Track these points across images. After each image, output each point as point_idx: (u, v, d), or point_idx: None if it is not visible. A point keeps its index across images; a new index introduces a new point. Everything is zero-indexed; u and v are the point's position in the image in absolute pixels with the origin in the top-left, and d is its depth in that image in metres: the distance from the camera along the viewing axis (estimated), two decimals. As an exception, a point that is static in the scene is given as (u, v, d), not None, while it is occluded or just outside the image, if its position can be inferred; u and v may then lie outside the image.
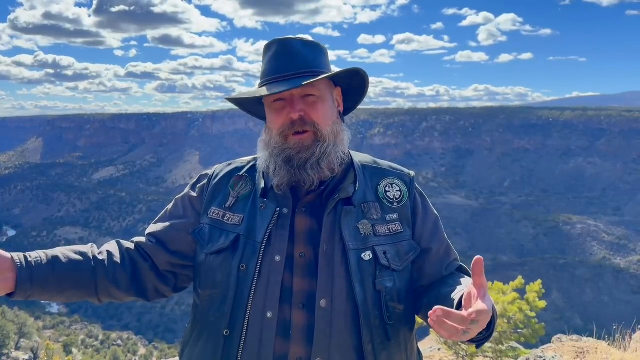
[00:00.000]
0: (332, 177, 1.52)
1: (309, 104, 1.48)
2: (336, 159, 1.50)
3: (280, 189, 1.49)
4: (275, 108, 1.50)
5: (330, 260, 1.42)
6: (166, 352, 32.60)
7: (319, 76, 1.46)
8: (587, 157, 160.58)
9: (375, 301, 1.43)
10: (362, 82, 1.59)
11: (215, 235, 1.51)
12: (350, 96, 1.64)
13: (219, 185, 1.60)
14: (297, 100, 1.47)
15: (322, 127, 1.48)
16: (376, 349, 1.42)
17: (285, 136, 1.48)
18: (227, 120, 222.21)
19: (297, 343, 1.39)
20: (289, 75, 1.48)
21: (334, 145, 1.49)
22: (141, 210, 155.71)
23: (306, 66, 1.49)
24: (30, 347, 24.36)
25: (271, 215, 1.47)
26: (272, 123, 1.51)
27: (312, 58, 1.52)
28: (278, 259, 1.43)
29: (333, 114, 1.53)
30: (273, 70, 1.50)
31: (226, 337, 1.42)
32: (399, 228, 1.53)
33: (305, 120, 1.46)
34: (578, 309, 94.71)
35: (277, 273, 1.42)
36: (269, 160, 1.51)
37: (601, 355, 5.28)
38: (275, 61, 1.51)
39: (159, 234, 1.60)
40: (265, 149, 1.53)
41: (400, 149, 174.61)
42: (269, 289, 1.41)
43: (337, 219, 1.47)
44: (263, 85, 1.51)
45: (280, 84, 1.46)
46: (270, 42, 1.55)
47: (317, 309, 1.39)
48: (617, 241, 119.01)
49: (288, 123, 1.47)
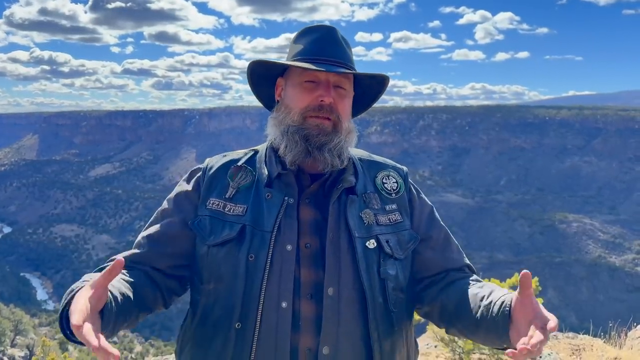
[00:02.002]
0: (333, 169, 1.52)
1: (339, 94, 1.49)
2: (346, 153, 1.52)
3: (293, 164, 1.48)
4: (305, 87, 1.49)
5: (337, 248, 1.42)
6: (162, 350, 32.57)
7: (357, 71, 1.51)
8: (583, 156, 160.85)
9: (380, 289, 1.43)
10: (377, 93, 1.62)
11: (217, 226, 1.47)
12: (358, 103, 1.65)
13: (215, 177, 1.56)
14: (332, 87, 1.48)
15: (343, 120, 1.50)
16: (381, 337, 1.42)
17: (305, 117, 1.48)
18: (224, 118, 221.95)
19: (306, 333, 1.37)
20: (332, 61, 1.49)
21: (345, 142, 1.51)
22: (137, 208, 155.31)
23: (346, 59, 1.52)
24: (26, 344, 24.25)
25: (279, 204, 1.45)
26: (297, 101, 1.49)
27: (349, 54, 1.56)
28: (289, 249, 1.41)
29: (350, 113, 1.56)
30: (317, 51, 1.50)
31: (238, 331, 1.37)
32: (398, 218, 1.54)
33: (332, 109, 1.47)
34: (574, 307, 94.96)
35: (289, 262, 1.39)
36: (282, 138, 1.49)
37: (597, 352, 5.30)
38: (321, 43, 1.52)
39: (156, 237, 1.53)
40: (278, 126, 1.51)
41: (397, 147, 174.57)
42: (282, 279, 1.38)
43: (342, 208, 1.47)
44: (303, 61, 1.49)
45: (327, 65, 1.46)
46: (314, 26, 1.57)
47: (325, 297, 1.38)
48: (612, 240, 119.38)
49: (316, 105, 1.46)
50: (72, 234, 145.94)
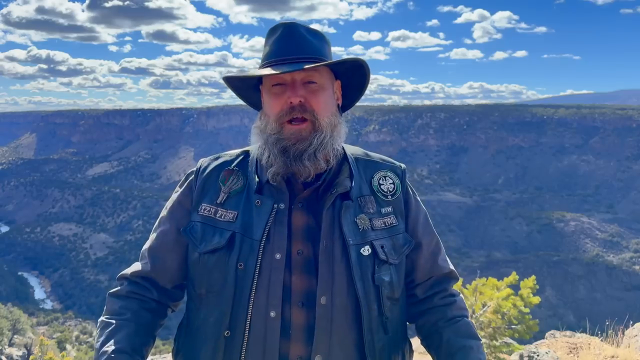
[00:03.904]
0: (327, 171, 1.48)
1: (310, 90, 1.43)
2: (332, 150, 1.46)
3: (275, 179, 1.44)
4: (274, 92, 1.44)
5: (330, 256, 1.39)
6: (160, 349, 32.51)
7: (320, 63, 1.42)
8: (581, 155, 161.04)
9: (375, 296, 1.42)
10: (362, 78, 1.53)
11: (208, 233, 1.45)
12: (348, 93, 1.58)
13: (208, 180, 1.53)
14: (298, 85, 1.42)
15: (321, 117, 1.43)
16: (376, 345, 1.40)
17: (281, 124, 1.42)
18: (222, 117, 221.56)
19: (297, 342, 1.36)
20: (293, 59, 1.42)
21: (331, 137, 1.45)
22: (136, 207, 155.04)
23: (311, 52, 1.44)
24: (24, 344, 24.21)
25: (269, 211, 1.42)
26: (270, 108, 1.45)
27: (317, 45, 1.47)
28: (278, 257, 1.38)
29: (332, 106, 1.49)
30: (277, 52, 1.44)
31: (227, 338, 1.37)
32: (393, 221, 1.51)
33: (305, 107, 1.41)
34: (571, 306, 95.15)
35: (278, 271, 1.37)
36: (264, 148, 1.46)
37: (594, 351, 5.31)
38: (280, 43, 1.45)
39: (154, 250, 1.54)
40: (260, 135, 1.48)
41: (395, 146, 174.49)
42: (271, 288, 1.37)
43: (336, 215, 1.43)
44: (265, 67, 1.45)
45: (284, 66, 1.41)
46: (276, 25, 1.49)
47: (318, 306, 1.35)
48: (610, 238, 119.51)
49: (287, 108, 1.41)
50: (70, 232, 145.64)
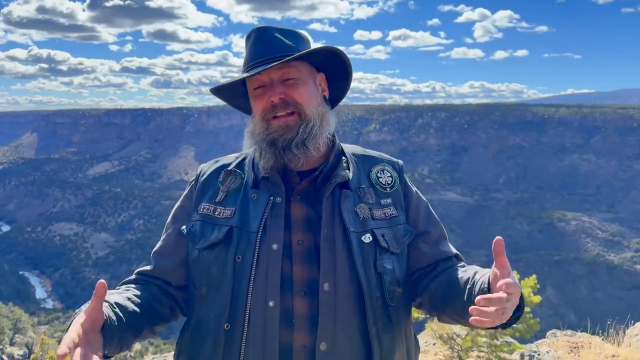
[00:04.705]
0: (324, 164, 1.52)
1: (289, 86, 1.47)
2: (322, 139, 1.50)
3: (267, 172, 1.48)
4: (256, 95, 1.50)
5: (331, 244, 1.41)
6: (162, 348, 32.54)
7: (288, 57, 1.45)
8: (582, 154, 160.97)
9: (377, 283, 1.43)
10: (344, 67, 1.57)
11: (207, 230, 1.50)
12: (336, 85, 1.63)
13: (207, 182, 1.59)
14: (276, 84, 1.47)
15: (306, 107, 1.47)
16: (380, 332, 1.41)
17: (267, 121, 1.48)
18: (223, 116, 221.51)
19: (300, 331, 1.37)
20: (267, 59, 1.47)
21: (320, 126, 1.49)
22: (136, 206, 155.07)
23: (283, 50, 1.49)
24: (25, 343, 24.24)
25: (265, 204, 1.46)
26: (255, 110, 1.51)
27: (290, 43, 1.51)
28: (275, 247, 1.41)
29: (317, 97, 1.52)
30: (252, 56, 1.51)
31: (227, 332, 1.39)
32: (393, 212, 1.54)
33: (287, 102, 1.46)
34: (572, 305, 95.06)
35: (275, 261, 1.40)
36: (255, 147, 1.52)
37: (595, 350, 5.31)
38: (254, 48, 1.52)
39: (159, 252, 1.60)
40: (252, 137, 1.53)
41: (395, 146, 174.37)
42: (269, 278, 1.39)
43: (336, 203, 1.47)
44: (244, 72, 1.52)
45: (257, 67, 1.47)
46: (250, 31, 1.56)
47: (321, 292, 1.37)
48: (611, 238, 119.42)
49: (269, 107, 1.47)
50: (70, 232, 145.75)
